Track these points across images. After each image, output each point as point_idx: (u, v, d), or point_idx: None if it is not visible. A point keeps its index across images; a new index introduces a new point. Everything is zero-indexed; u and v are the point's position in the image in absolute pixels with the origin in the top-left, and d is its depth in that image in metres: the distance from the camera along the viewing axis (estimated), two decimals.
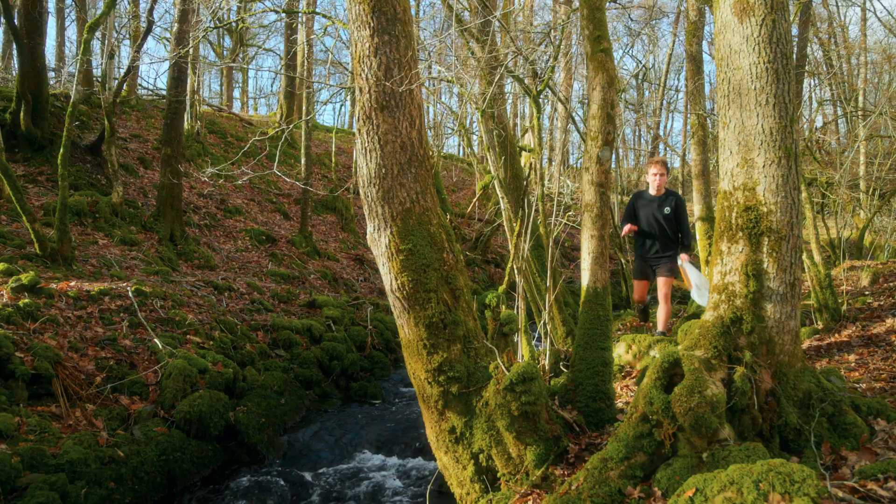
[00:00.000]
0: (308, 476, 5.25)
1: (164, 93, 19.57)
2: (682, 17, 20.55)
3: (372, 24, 3.45)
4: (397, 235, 3.40)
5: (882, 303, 6.98)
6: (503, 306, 4.22)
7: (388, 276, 3.44)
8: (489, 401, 3.36)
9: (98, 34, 14.71)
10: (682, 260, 5.61)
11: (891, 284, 8.30)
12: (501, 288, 4.57)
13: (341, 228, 14.23)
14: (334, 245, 13.18)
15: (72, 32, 31.39)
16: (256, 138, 5.50)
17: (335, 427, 6.27)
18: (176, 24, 9.42)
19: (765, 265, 3.17)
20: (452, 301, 3.48)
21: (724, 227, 3.31)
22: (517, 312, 4.31)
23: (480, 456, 3.42)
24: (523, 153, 12.58)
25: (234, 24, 22.51)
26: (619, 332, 8.02)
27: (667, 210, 5.67)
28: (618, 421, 3.65)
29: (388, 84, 3.43)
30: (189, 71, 10.75)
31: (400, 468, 5.36)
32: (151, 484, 4.66)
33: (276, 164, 5.74)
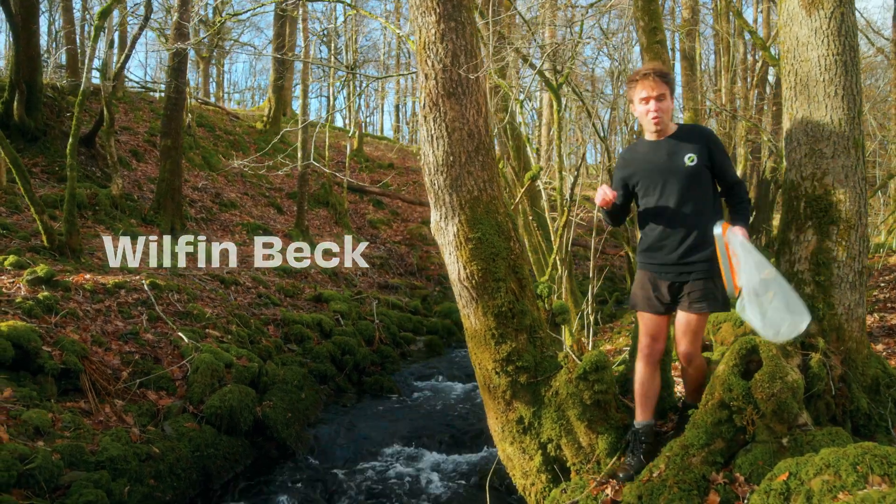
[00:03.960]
0: (341, 471, 5.18)
1: (149, 85, 19.14)
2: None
3: (438, 10, 3.41)
4: (466, 224, 3.37)
5: (888, 295, 7.19)
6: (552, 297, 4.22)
7: (456, 265, 3.41)
8: (559, 390, 3.35)
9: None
10: (731, 233, 2.87)
11: (887, 278, 8.55)
12: (544, 278, 4.57)
13: (335, 223, 14.11)
14: (329, 239, 13.05)
15: (43, 22, 30.45)
16: (288, 129, 5.37)
17: (358, 421, 6.21)
18: (176, 14, 9.20)
19: (834, 253, 3.23)
20: (519, 290, 3.46)
21: (791, 216, 3.35)
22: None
23: (549, 446, 3.41)
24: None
25: (212, 18, 22.08)
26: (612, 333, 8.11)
27: (689, 159, 2.99)
28: (678, 410, 3.68)
29: (455, 71, 3.39)
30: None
31: (433, 462, 5.33)
32: (189, 481, 4.56)
33: (311, 156, 5.63)
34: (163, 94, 16.49)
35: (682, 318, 3.08)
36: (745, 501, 2.77)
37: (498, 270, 3.38)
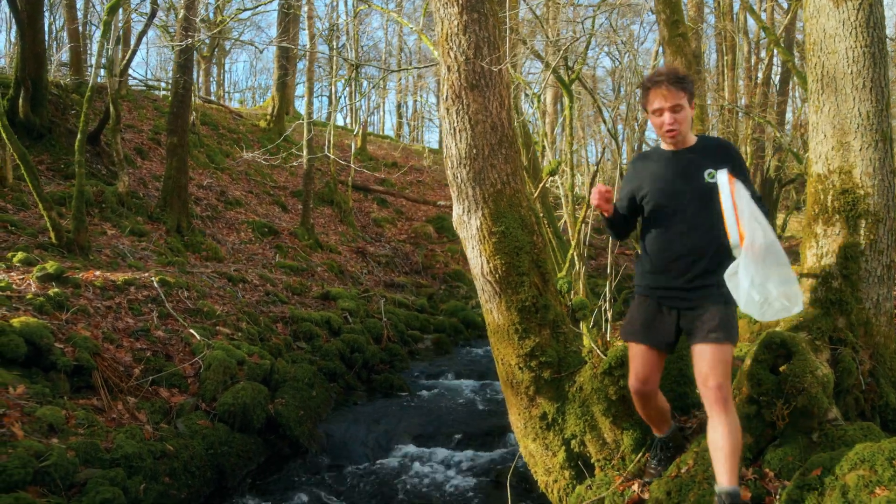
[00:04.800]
0: (355, 469, 5.15)
1: (152, 83, 19.10)
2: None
3: (461, 2, 3.38)
4: (489, 218, 3.34)
5: None
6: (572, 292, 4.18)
7: (479, 259, 3.37)
8: (584, 385, 3.32)
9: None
10: (738, 185, 2.61)
11: None
12: (561, 273, 4.54)
13: (340, 221, 14.07)
14: (335, 238, 13.02)
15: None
16: (298, 122, 5.33)
17: (369, 419, 6.16)
18: (182, 10, 9.15)
19: (862, 247, 3.19)
20: (542, 285, 3.43)
21: (818, 210, 3.32)
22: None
23: (573, 442, 3.38)
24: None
25: (214, 18, 21.99)
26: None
27: (709, 175, 2.68)
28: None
29: (478, 63, 3.36)
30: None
31: (447, 460, 5.29)
32: (203, 479, 4.52)
33: (327, 149, 5.59)
34: (165, 93, 16.47)
35: (706, 351, 2.61)
36: (777, 497, 2.74)
37: (521, 265, 3.34)
